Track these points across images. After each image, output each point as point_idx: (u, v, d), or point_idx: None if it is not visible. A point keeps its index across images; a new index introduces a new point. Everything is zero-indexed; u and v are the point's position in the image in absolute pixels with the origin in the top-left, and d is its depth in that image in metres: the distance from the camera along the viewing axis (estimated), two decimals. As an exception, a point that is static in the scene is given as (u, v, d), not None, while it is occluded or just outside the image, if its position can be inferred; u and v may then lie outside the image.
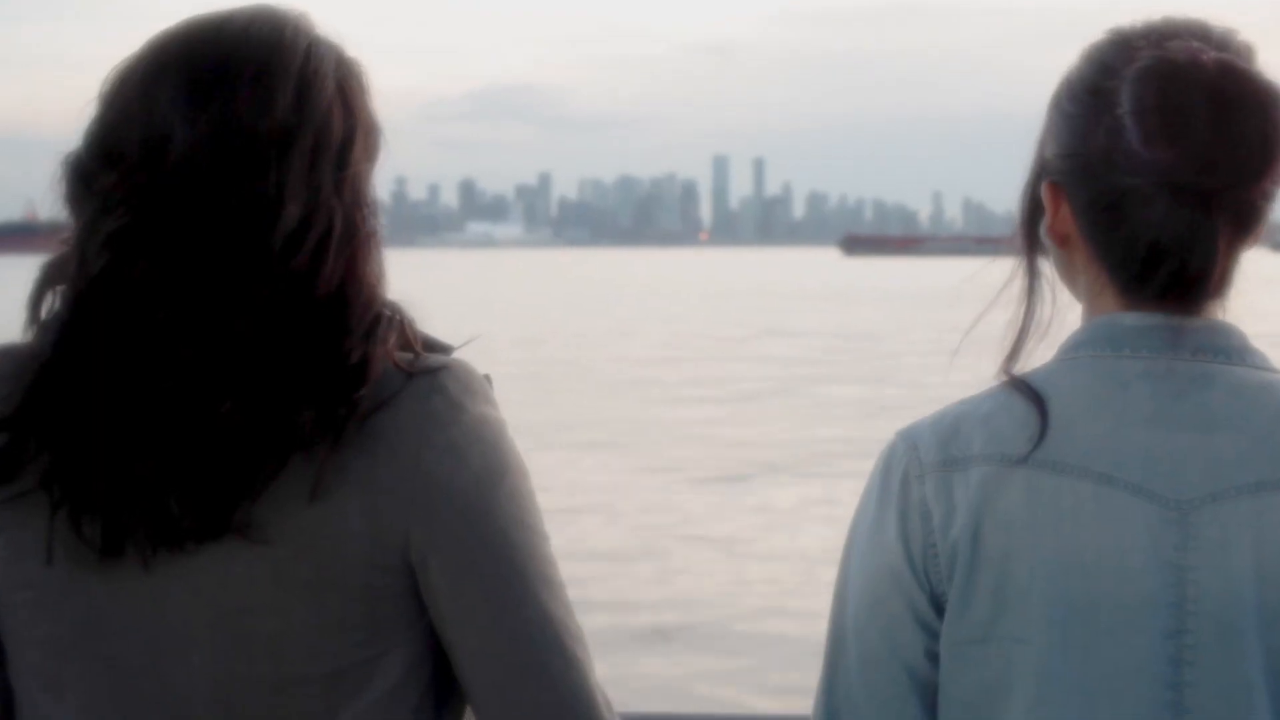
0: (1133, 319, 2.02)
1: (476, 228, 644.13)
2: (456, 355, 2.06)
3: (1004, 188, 2.13)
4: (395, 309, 2.02)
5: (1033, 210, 2.10)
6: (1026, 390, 2.01)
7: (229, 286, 1.94)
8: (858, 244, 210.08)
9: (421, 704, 2.03)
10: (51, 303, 2.01)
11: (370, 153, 2.05)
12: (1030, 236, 2.11)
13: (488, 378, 2.07)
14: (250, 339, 1.93)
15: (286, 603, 1.96)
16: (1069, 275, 2.10)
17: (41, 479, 1.97)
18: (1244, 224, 2.00)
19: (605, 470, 19.46)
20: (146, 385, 1.94)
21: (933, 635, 2.01)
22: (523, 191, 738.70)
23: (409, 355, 2.02)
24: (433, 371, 2.01)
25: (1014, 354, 2.07)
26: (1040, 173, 2.09)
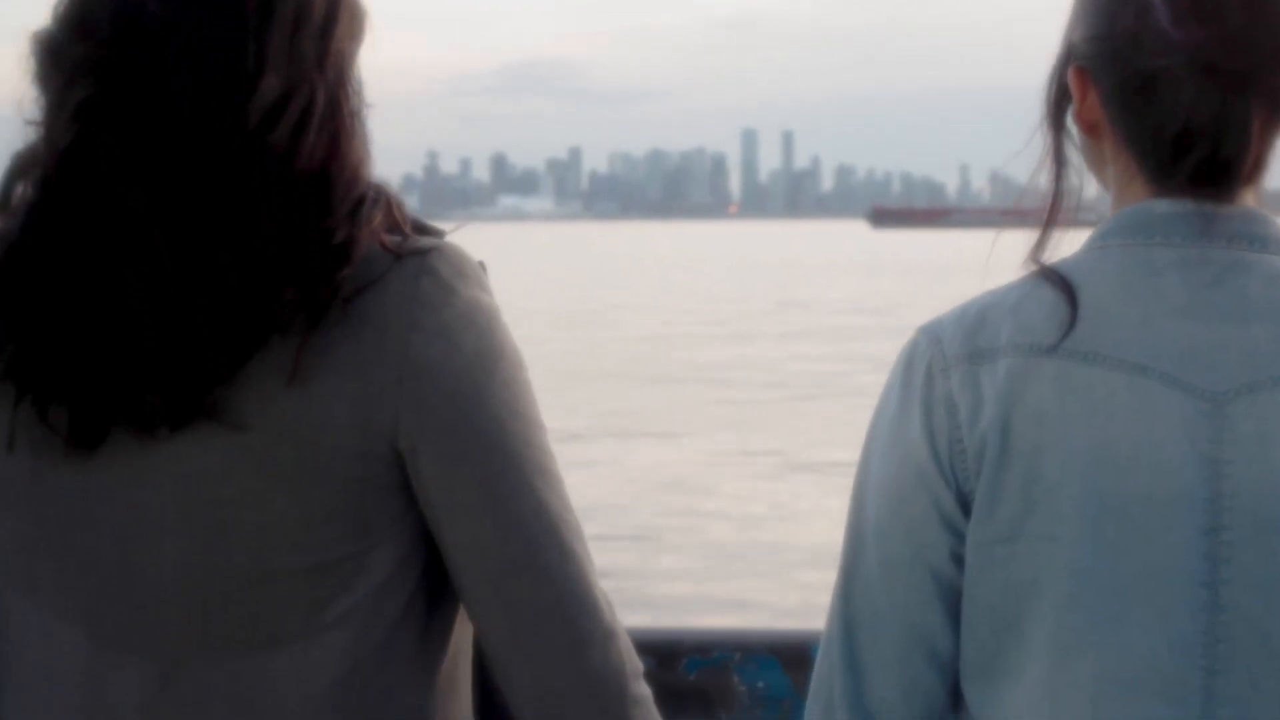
0: (1164, 206, 1.92)
1: (507, 201, 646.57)
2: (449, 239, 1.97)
3: (1032, 161, 2.05)
4: (381, 190, 1.92)
5: (1059, 98, 2.01)
6: (1055, 279, 1.91)
7: (203, 162, 1.84)
8: (885, 216, 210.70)
9: (412, 603, 1.93)
10: (23, 190, 1.91)
11: (355, 34, 1.95)
12: (1057, 124, 2.01)
13: (482, 264, 1.97)
14: (225, 217, 1.83)
15: (266, 493, 1.86)
16: (1097, 164, 2.00)
17: (6, 368, 1.87)
18: (1278, 108, 1.90)
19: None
20: (116, 268, 1.84)
21: (958, 536, 1.91)
22: (553, 165, 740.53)
23: (397, 237, 1.92)
24: (422, 253, 1.91)
25: (1041, 243, 1.97)
26: (1067, 58, 1.99)
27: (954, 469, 1.90)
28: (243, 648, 1.88)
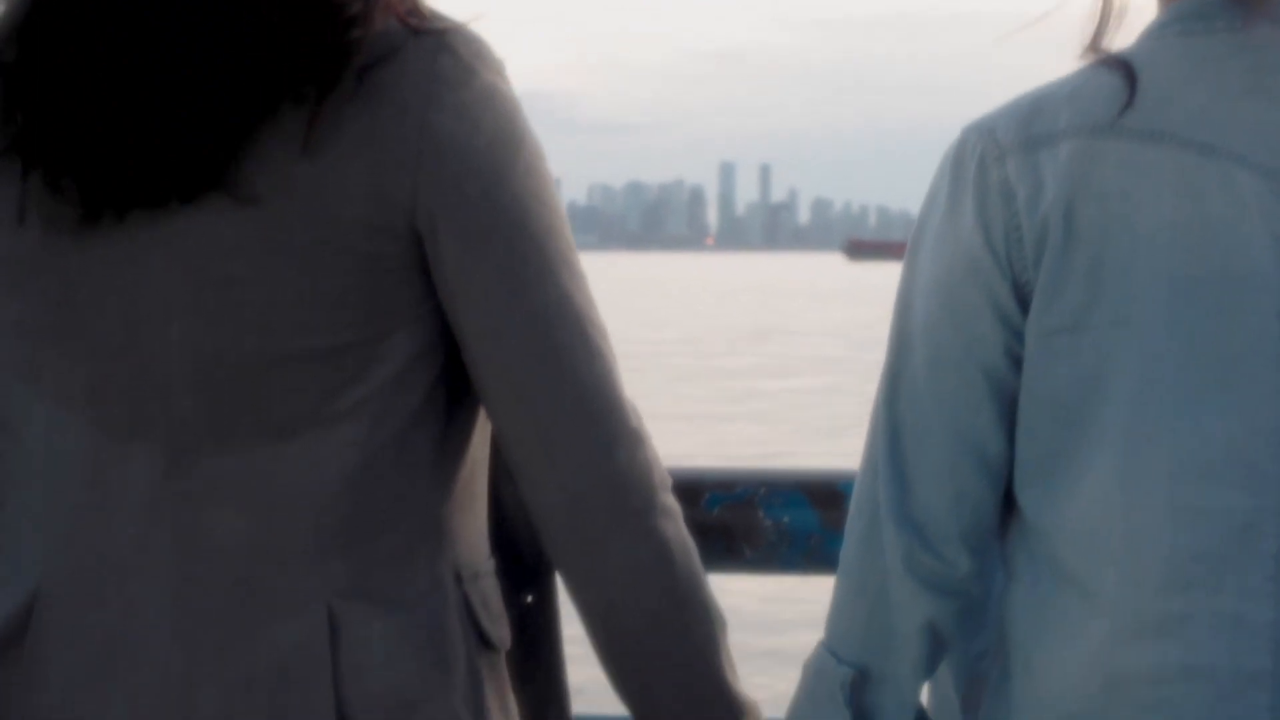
0: None
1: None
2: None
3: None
4: None
5: None
6: (1114, 62, 1.83)
7: None
8: (861, 249, 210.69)
9: (428, 402, 1.85)
10: None
11: None
12: None
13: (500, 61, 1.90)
14: None
15: (278, 270, 1.77)
16: None
17: (13, 140, 1.79)
18: None
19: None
20: (125, 32, 1.76)
21: (1012, 331, 1.82)
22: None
23: (415, 15, 1.83)
24: (441, 32, 1.83)
25: (1100, 30, 1.89)
26: None
27: (1010, 258, 1.81)
28: (252, 437, 1.80)
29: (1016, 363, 1.82)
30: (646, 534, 1.86)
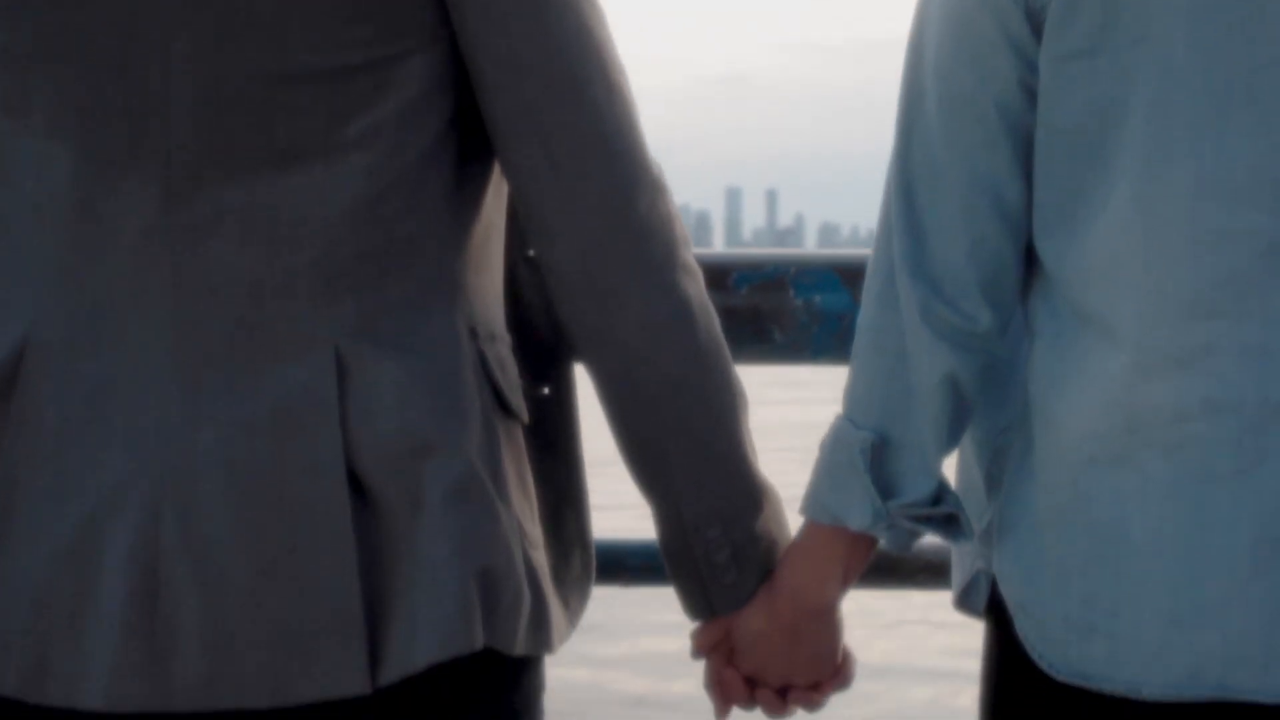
0: None
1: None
2: None
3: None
4: None
5: None
6: None
7: None
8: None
9: (442, 144, 1.75)
10: None
11: None
12: None
13: None
14: None
15: None
16: None
17: None
18: None
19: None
20: None
21: (1026, 63, 1.74)
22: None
23: None
24: None
25: None
26: None
27: None
28: (255, 165, 1.70)
29: (1031, 96, 1.75)
30: (667, 289, 1.78)
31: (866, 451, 1.80)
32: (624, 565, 2.26)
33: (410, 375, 1.72)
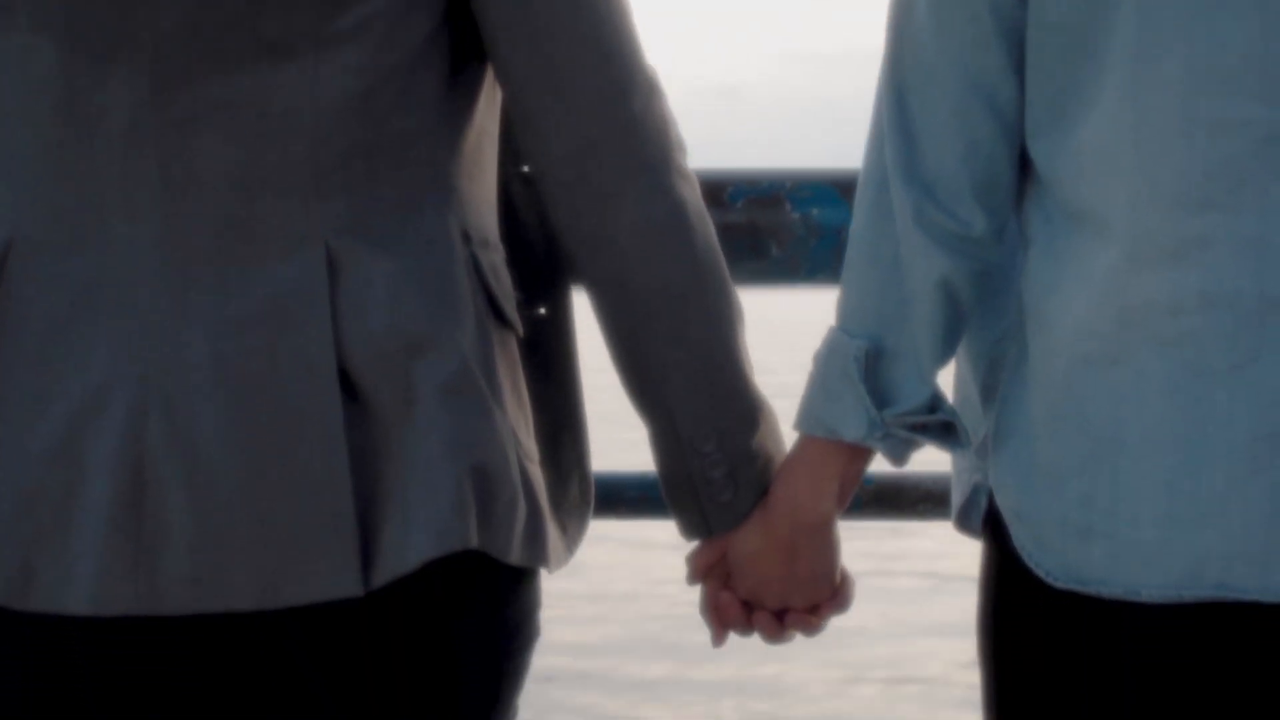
0: None
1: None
2: None
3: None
4: None
5: None
6: None
7: None
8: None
9: (434, 42, 1.73)
10: None
11: None
12: None
13: None
14: None
15: None
16: None
17: None
18: None
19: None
20: None
21: None
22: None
23: None
24: None
25: None
26: None
27: None
28: (245, 57, 1.68)
29: None
30: (662, 191, 1.75)
31: (860, 360, 1.77)
32: (621, 498, 2.23)
33: (402, 273, 1.70)
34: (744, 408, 1.82)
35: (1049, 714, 1.76)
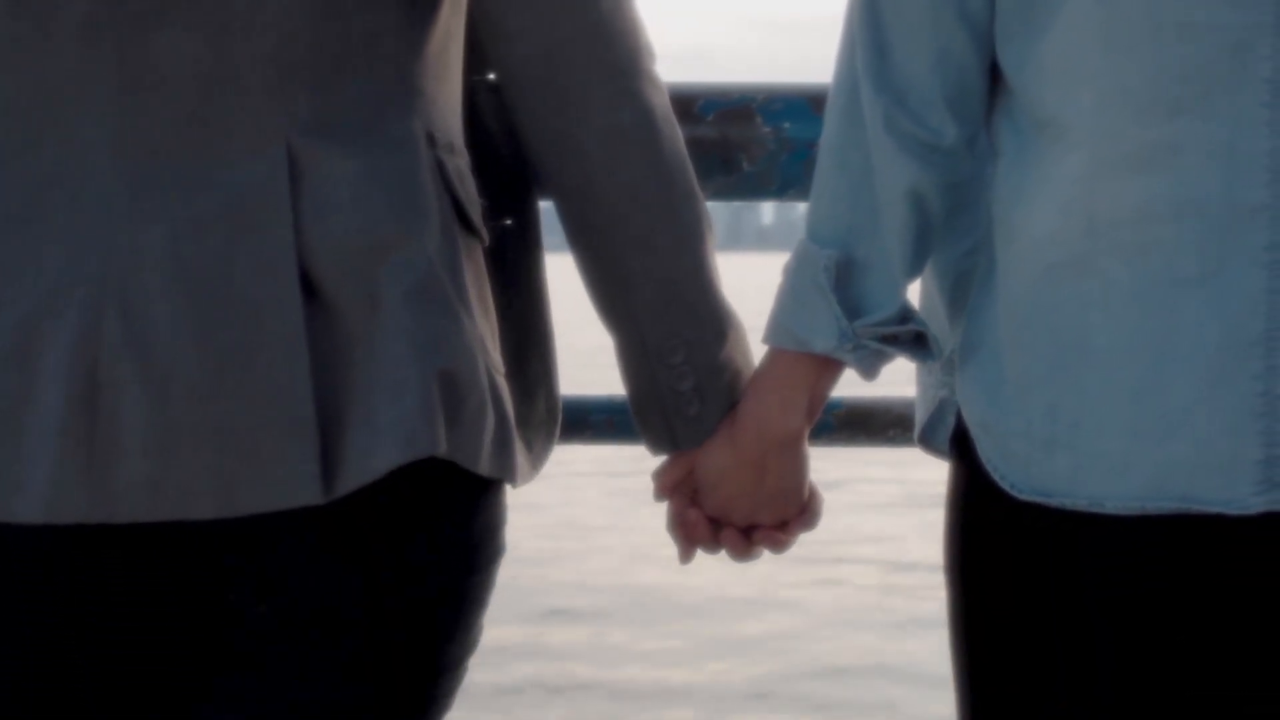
0: None
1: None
2: None
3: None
4: None
5: None
6: None
7: None
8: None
9: None
10: None
11: None
12: None
13: None
14: None
15: None
16: None
17: None
18: None
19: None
20: None
21: None
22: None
23: None
24: None
25: None
26: None
27: None
28: None
29: None
30: (630, 95, 1.73)
31: (830, 270, 1.75)
32: (587, 422, 2.20)
33: (366, 173, 1.67)
34: (712, 318, 1.80)
35: (1017, 631, 1.74)
